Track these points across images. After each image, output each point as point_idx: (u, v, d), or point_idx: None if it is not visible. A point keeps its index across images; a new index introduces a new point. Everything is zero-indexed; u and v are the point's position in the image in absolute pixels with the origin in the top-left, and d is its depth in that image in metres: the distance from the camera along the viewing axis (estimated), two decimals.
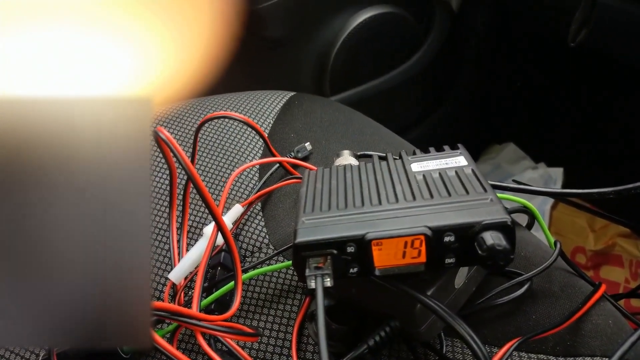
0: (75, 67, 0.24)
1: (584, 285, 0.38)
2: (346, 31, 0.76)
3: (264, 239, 0.43)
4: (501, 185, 0.38)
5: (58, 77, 0.23)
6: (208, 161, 0.48)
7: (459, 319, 0.28)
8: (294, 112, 0.54)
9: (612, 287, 0.82)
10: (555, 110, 0.96)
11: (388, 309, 0.32)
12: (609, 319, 0.35)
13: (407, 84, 0.87)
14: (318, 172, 0.36)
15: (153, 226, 0.44)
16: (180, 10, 0.31)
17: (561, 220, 0.88)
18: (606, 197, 0.33)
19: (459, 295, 0.33)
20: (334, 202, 0.31)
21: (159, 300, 0.39)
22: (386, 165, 0.35)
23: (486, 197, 0.28)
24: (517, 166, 1.00)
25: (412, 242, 0.27)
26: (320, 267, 0.27)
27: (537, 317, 0.36)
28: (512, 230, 0.26)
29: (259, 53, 0.74)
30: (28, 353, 0.37)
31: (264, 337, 0.37)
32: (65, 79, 0.23)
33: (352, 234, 0.27)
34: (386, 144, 0.51)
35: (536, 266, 0.36)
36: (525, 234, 0.41)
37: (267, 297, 0.39)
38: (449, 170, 0.32)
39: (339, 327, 0.33)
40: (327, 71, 0.78)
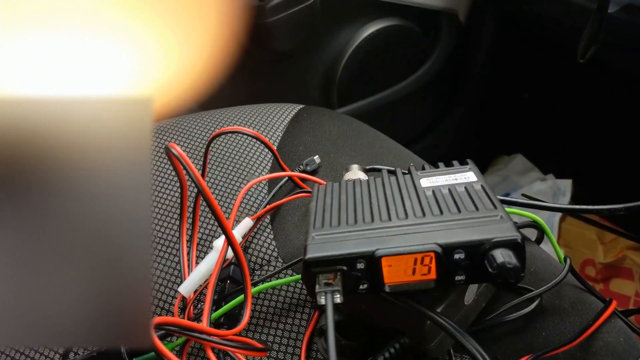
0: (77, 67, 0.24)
1: (594, 301, 0.38)
2: (354, 44, 0.77)
3: (273, 252, 0.43)
4: (511, 201, 0.38)
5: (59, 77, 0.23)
6: (218, 174, 0.49)
7: (468, 335, 0.28)
8: (302, 125, 0.54)
9: (622, 300, 0.82)
10: (564, 121, 0.96)
11: (398, 325, 0.32)
12: (620, 337, 0.35)
13: (414, 96, 0.87)
14: (327, 187, 0.36)
15: (163, 239, 0.44)
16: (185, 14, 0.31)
17: (570, 233, 0.87)
18: (616, 213, 0.33)
19: (468, 312, 0.33)
20: (343, 217, 0.31)
21: (168, 313, 0.40)
22: (395, 180, 0.35)
23: (496, 213, 0.28)
24: (525, 177, 0.99)
25: (422, 259, 0.27)
26: (330, 283, 0.27)
27: (547, 333, 0.35)
28: (523, 248, 0.26)
29: (267, 66, 0.75)
30: (32, 352, 0.37)
31: (273, 352, 0.37)
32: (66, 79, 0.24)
33: (362, 251, 0.27)
34: (394, 157, 0.51)
35: (546, 282, 0.36)
36: (534, 249, 0.41)
37: (275, 310, 0.39)
38: (458, 186, 0.32)
39: (348, 343, 0.33)
40: (334, 84, 0.79)
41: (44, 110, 0.17)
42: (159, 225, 0.45)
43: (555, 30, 0.77)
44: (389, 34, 0.79)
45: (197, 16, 0.33)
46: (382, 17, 0.78)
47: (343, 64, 0.77)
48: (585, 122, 0.93)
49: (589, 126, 0.93)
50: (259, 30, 0.66)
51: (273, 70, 0.75)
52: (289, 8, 0.66)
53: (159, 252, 0.43)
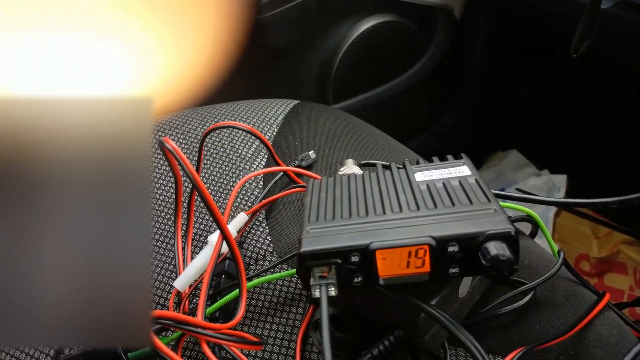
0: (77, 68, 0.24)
1: (587, 294, 0.38)
2: (349, 40, 0.77)
3: (268, 246, 0.43)
4: (505, 195, 0.38)
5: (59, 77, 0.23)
6: (213, 169, 0.49)
7: (462, 328, 0.28)
8: (297, 120, 0.54)
9: (616, 294, 0.82)
10: (559, 117, 0.96)
11: (392, 318, 0.32)
12: (613, 329, 0.35)
13: (410, 92, 0.87)
14: (322, 182, 0.36)
15: (158, 234, 0.44)
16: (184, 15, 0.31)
17: (565, 227, 0.87)
18: (610, 207, 0.33)
19: (462, 305, 0.33)
20: (338, 211, 0.31)
21: (163, 308, 0.40)
22: (390, 174, 0.35)
23: (490, 207, 0.28)
24: (520, 173, 1.00)
25: (416, 252, 0.27)
26: (325, 276, 0.27)
27: (540, 326, 0.36)
28: (516, 241, 0.26)
29: (262, 61, 0.75)
30: (33, 351, 0.37)
31: (268, 345, 0.37)
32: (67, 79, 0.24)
33: (357, 244, 0.27)
34: (389, 152, 0.51)
35: (540, 275, 0.37)
36: (528, 243, 0.42)
37: (271, 305, 0.39)
38: (452, 180, 0.32)
39: (343, 336, 0.33)
40: (330, 79, 0.79)
41: (45, 110, 0.17)
42: (154, 220, 0.45)
43: (550, 26, 0.78)
44: (384, 30, 0.79)
45: (195, 16, 0.33)
46: (377, 13, 0.78)
47: (338, 60, 0.77)
48: (580, 117, 0.93)
49: (583, 122, 0.93)
50: (254, 26, 0.66)
51: (268, 66, 0.75)
52: (283, 4, 0.66)
53: (154, 247, 0.43)
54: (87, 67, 0.25)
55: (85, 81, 0.25)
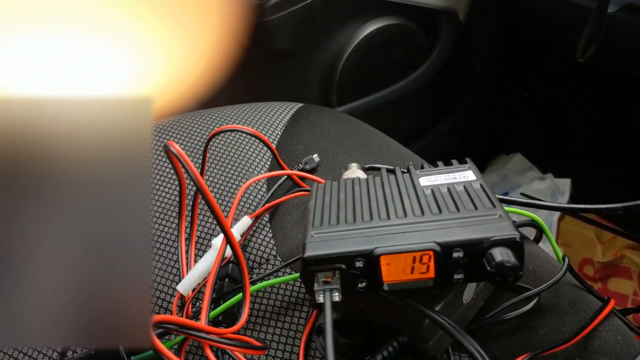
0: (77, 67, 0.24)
1: (592, 300, 0.38)
2: (353, 43, 0.77)
3: (272, 250, 0.43)
4: (510, 200, 0.38)
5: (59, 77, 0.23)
6: (217, 173, 0.49)
7: (466, 334, 0.28)
8: (301, 123, 0.54)
9: (620, 299, 0.82)
10: (563, 120, 0.96)
11: (396, 323, 0.32)
12: (618, 335, 0.35)
13: (414, 95, 0.87)
14: (326, 186, 0.36)
15: (162, 237, 0.44)
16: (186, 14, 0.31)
17: (569, 232, 0.87)
18: (615, 212, 0.33)
19: (467, 311, 0.33)
20: (342, 216, 0.31)
21: (167, 312, 0.40)
22: (394, 179, 0.35)
23: (495, 212, 0.28)
24: (524, 177, 0.99)
25: (420, 258, 0.27)
26: (329, 281, 0.27)
27: (545, 332, 0.35)
28: (521, 247, 0.26)
29: (267, 64, 0.75)
30: (36, 353, 0.37)
31: (271, 350, 0.37)
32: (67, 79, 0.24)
33: (361, 249, 0.27)
34: (393, 156, 0.51)
35: (544, 280, 0.36)
36: (533, 248, 0.41)
37: (274, 309, 0.39)
38: (457, 185, 0.32)
39: (346, 342, 0.33)
40: (334, 82, 0.79)
41: (44, 110, 0.17)
42: (158, 223, 0.45)
43: (554, 29, 0.77)
44: (388, 33, 0.79)
45: (197, 16, 0.33)
46: (381, 16, 0.78)
47: (342, 63, 0.77)
48: (584, 121, 0.93)
49: (588, 126, 0.93)
50: (258, 28, 0.66)
51: (272, 69, 0.75)
52: (288, 7, 0.66)
53: (158, 250, 0.43)
54: (87, 67, 0.25)
55: (85, 81, 0.25)
